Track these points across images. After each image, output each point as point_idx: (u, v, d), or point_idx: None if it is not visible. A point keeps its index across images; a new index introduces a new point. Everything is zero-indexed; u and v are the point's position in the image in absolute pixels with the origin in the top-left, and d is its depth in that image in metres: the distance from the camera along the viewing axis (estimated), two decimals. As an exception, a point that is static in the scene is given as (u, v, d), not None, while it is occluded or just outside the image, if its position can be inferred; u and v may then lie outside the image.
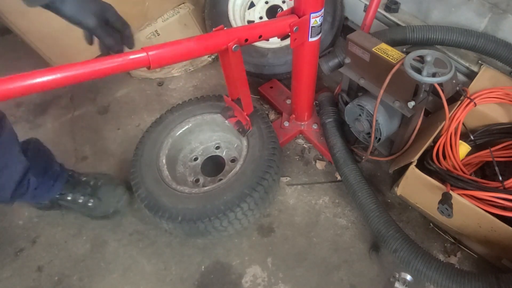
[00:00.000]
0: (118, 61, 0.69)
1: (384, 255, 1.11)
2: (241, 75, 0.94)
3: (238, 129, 1.12)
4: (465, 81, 1.25)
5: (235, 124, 1.13)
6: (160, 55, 0.74)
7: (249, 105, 1.05)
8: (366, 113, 1.07)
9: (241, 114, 1.07)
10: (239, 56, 0.89)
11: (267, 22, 0.92)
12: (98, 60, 0.68)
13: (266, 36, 0.91)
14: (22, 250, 1.19)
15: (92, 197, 1.18)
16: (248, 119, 1.07)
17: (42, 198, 1.14)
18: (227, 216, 0.97)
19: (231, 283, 1.09)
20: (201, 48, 0.80)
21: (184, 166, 1.24)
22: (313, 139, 1.36)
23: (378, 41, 0.99)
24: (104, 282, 1.12)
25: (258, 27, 0.90)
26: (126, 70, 0.73)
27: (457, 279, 0.88)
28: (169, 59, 0.77)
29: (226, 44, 0.83)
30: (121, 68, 0.70)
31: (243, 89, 0.98)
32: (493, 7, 1.10)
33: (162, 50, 0.74)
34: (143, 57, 0.72)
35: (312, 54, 1.06)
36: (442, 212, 0.91)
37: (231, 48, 0.83)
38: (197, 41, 0.80)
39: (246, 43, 0.87)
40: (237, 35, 0.84)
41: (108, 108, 1.62)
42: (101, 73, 0.68)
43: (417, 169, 0.99)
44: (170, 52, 0.76)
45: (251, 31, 0.87)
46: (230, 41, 0.83)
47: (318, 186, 1.28)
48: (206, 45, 0.81)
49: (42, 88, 0.63)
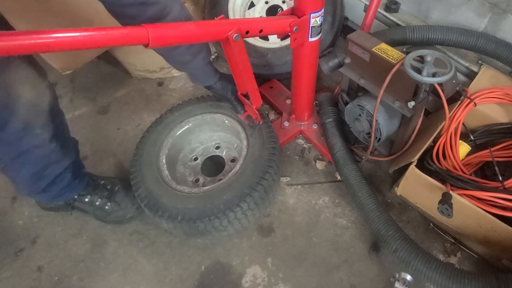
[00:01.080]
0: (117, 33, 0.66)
1: (384, 255, 1.11)
2: (246, 66, 0.93)
3: (249, 123, 1.13)
4: (465, 81, 1.25)
5: (246, 119, 1.13)
6: (160, 33, 0.71)
7: (258, 99, 1.05)
8: (366, 113, 1.07)
9: (250, 108, 1.08)
10: (242, 46, 0.87)
11: (269, 18, 0.93)
12: (96, 29, 0.64)
13: (267, 32, 0.91)
14: (22, 250, 1.19)
15: (109, 201, 1.19)
16: (257, 113, 1.08)
17: (65, 197, 1.15)
18: (226, 215, 0.97)
19: (231, 283, 1.09)
20: (201, 33, 0.79)
21: (184, 166, 1.24)
22: (313, 139, 1.36)
23: (378, 41, 0.99)
24: (104, 282, 1.12)
25: (260, 21, 0.90)
26: (124, 44, 0.70)
27: (457, 279, 0.88)
28: (168, 39, 0.74)
29: (226, 33, 0.82)
30: (118, 41, 0.67)
31: (250, 82, 0.98)
32: (493, 7, 1.10)
33: (162, 28, 0.73)
34: (143, 33, 0.69)
35: (312, 54, 1.06)
36: (442, 212, 0.91)
37: (231, 37, 0.82)
38: (198, 25, 0.78)
39: (247, 35, 0.87)
40: (238, 25, 0.83)
41: (108, 108, 1.62)
42: (97, 43, 0.64)
43: (417, 169, 0.99)
44: (170, 32, 0.74)
45: (252, 23, 0.87)
46: (231, 30, 0.82)
47: (318, 186, 1.28)
48: (206, 30, 0.80)
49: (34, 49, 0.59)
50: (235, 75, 0.98)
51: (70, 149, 1.09)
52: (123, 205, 1.20)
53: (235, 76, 0.99)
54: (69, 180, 1.10)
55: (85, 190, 1.18)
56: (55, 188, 1.08)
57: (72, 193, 1.15)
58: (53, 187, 1.07)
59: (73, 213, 1.24)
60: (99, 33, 0.64)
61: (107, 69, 1.79)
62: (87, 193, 1.18)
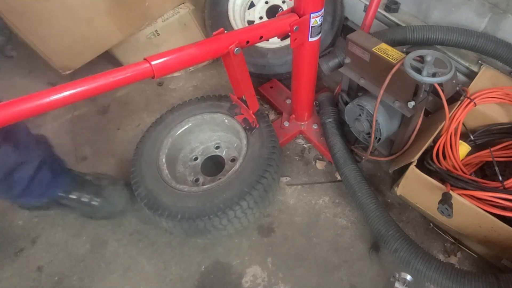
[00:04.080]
0: (121, 75, 0.71)
1: (384, 255, 1.11)
2: (245, 75, 0.95)
3: (245, 127, 1.13)
4: (465, 81, 1.25)
5: (242, 122, 1.14)
6: (163, 64, 0.74)
7: (255, 104, 1.06)
8: (366, 113, 1.07)
9: (247, 112, 1.08)
10: (241, 58, 0.89)
11: (267, 23, 0.92)
12: (101, 75, 0.70)
13: (267, 37, 0.91)
14: (22, 250, 1.19)
15: (97, 196, 1.15)
16: (254, 117, 1.08)
17: (48, 194, 1.10)
18: (226, 214, 0.97)
19: (231, 283, 1.09)
20: (203, 54, 0.81)
21: (184, 166, 1.24)
22: (313, 139, 1.36)
23: (378, 41, 0.99)
24: (104, 282, 1.12)
25: (259, 28, 0.90)
26: (131, 83, 0.74)
27: (457, 279, 0.88)
28: (172, 67, 0.77)
29: (227, 48, 0.83)
30: (125, 81, 0.72)
31: (247, 88, 0.99)
32: (493, 7, 1.10)
33: (164, 59, 0.75)
34: (147, 68, 0.72)
35: (312, 54, 1.06)
36: (442, 212, 0.91)
37: (232, 51, 0.84)
38: (199, 47, 0.80)
39: (247, 45, 0.88)
40: (237, 37, 0.84)
41: (108, 108, 1.62)
42: (106, 88, 0.71)
43: (417, 169, 0.99)
44: (173, 60, 0.76)
45: (251, 32, 0.88)
46: (231, 44, 0.83)
47: (318, 186, 1.28)
48: (208, 51, 0.81)
49: (49, 108, 0.67)
50: (232, 81, 0.99)
51: (34, 148, 1.01)
52: (111, 200, 1.16)
53: (232, 82, 1.00)
54: (49, 178, 1.04)
55: (72, 187, 1.13)
56: (35, 189, 1.03)
57: (55, 189, 1.10)
58: (31, 189, 1.01)
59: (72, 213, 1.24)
60: (106, 78, 0.70)
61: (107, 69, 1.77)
62: (73, 190, 1.13)
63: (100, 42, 1.39)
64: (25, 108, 0.64)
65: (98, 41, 1.38)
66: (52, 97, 0.66)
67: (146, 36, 1.51)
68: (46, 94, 0.66)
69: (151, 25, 1.49)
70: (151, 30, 1.50)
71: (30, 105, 0.65)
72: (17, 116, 0.64)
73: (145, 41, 1.53)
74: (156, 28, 1.51)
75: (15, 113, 0.64)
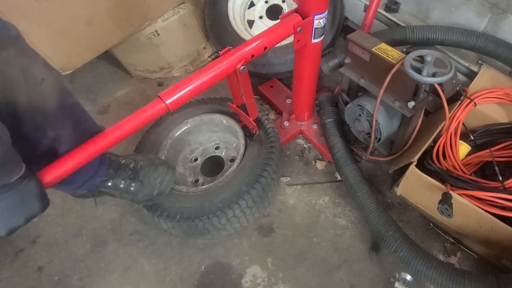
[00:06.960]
0: (142, 117, 0.82)
1: (384, 255, 1.11)
2: (247, 89, 0.96)
3: (245, 133, 1.13)
4: (465, 81, 1.25)
5: (242, 128, 1.14)
6: (177, 100, 0.81)
7: (255, 111, 1.07)
8: (366, 113, 1.07)
9: (247, 119, 1.08)
10: (246, 75, 0.91)
11: (270, 31, 0.92)
12: (123, 123, 0.83)
13: (271, 46, 0.93)
14: (22, 250, 1.19)
15: (133, 181, 1.06)
16: (254, 124, 1.08)
17: (87, 185, 1.02)
18: (225, 213, 0.98)
19: (231, 283, 1.09)
20: (212, 79, 0.84)
21: (184, 167, 1.24)
22: (313, 139, 1.36)
23: (378, 41, 0.99)
24: (104, 282, 1.12)
25: (261, 38, 0.90)
26: (150, 121, 0.84)
27: (457, 279, 0.88)
28: (184, 98, 0.83)
29: (234, 68, 0.86)
30: (145, 122, 0.83)
31: (248, 98, 1.01)
32: (493, 7, 1.10)
33: (177, 94, 0.80)
34: (162, 107, 0.81)
35: (314, 56, 1.06)
36: (442, 212, 0.91)
37: (239, 70, 0.86)
38: (207, 73, 0.83)
39: (252, 59, 0.89)
40: (243, 56, 0.86)
41: (108, 108, 1.62)
42: (129, 132, 0.83)
43: (417, 169, 0.99)
44: (185, 94, 0.82)
45: (255, 47, 0.89)
46: (238, 64, 0.85)
47: (318, 186, 1.28)
48: (216, 75, 0.84)
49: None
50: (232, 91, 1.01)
51: None
52: (146, 183, 1.06)
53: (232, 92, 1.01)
54: (96, 168, 0.99)
55: (107, 175, 1.05)
56: (80, 177, 0.97)
57: (95, 179, 1.02)
58: (78, 177, 0.96)
59: (73, 213, 1.24)
60: (127, 124, 0.83)
61: (107, 69, 1.79)
62: (109, 178, 1.05)
63: (100, 42, 1.39)
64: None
65: (98, 41, 1.37)
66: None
67: (146, 36, 1.51)
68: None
69: (151, 25, 1.49)
70: (151, 30, 1.50)
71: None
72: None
73: (145, 41, 1.52)
74: (156, 28, 1.51)
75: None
